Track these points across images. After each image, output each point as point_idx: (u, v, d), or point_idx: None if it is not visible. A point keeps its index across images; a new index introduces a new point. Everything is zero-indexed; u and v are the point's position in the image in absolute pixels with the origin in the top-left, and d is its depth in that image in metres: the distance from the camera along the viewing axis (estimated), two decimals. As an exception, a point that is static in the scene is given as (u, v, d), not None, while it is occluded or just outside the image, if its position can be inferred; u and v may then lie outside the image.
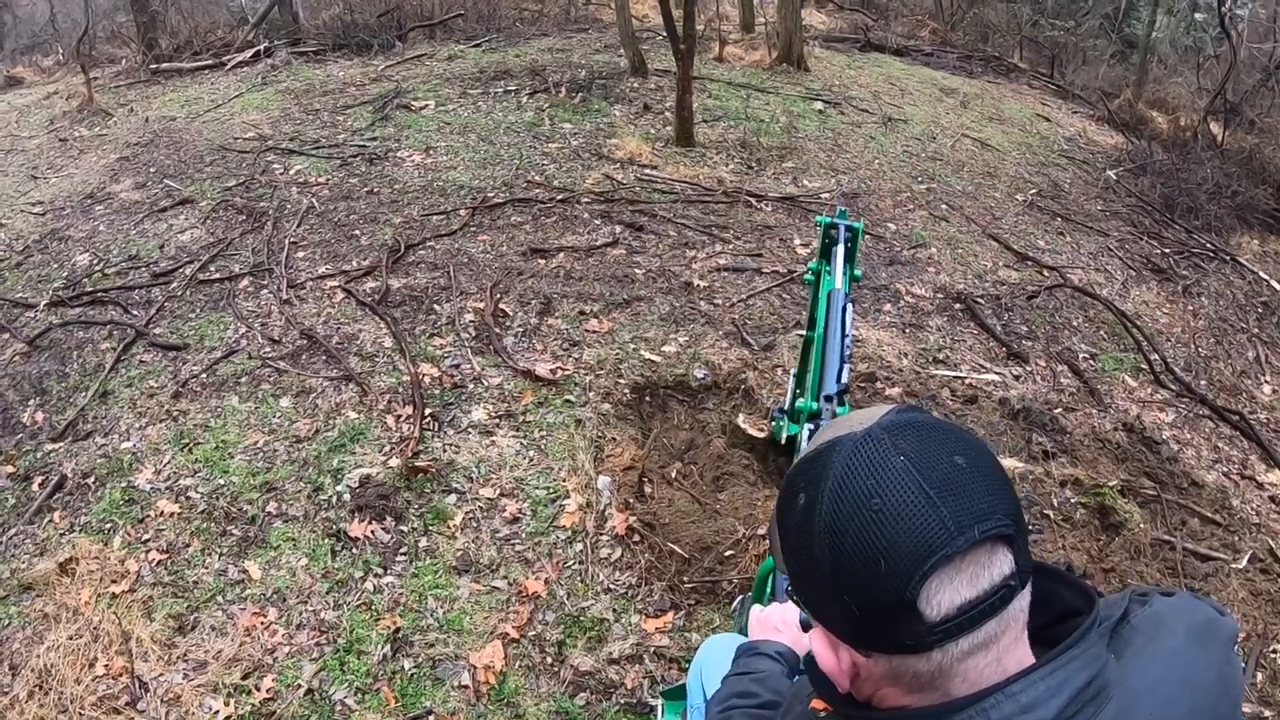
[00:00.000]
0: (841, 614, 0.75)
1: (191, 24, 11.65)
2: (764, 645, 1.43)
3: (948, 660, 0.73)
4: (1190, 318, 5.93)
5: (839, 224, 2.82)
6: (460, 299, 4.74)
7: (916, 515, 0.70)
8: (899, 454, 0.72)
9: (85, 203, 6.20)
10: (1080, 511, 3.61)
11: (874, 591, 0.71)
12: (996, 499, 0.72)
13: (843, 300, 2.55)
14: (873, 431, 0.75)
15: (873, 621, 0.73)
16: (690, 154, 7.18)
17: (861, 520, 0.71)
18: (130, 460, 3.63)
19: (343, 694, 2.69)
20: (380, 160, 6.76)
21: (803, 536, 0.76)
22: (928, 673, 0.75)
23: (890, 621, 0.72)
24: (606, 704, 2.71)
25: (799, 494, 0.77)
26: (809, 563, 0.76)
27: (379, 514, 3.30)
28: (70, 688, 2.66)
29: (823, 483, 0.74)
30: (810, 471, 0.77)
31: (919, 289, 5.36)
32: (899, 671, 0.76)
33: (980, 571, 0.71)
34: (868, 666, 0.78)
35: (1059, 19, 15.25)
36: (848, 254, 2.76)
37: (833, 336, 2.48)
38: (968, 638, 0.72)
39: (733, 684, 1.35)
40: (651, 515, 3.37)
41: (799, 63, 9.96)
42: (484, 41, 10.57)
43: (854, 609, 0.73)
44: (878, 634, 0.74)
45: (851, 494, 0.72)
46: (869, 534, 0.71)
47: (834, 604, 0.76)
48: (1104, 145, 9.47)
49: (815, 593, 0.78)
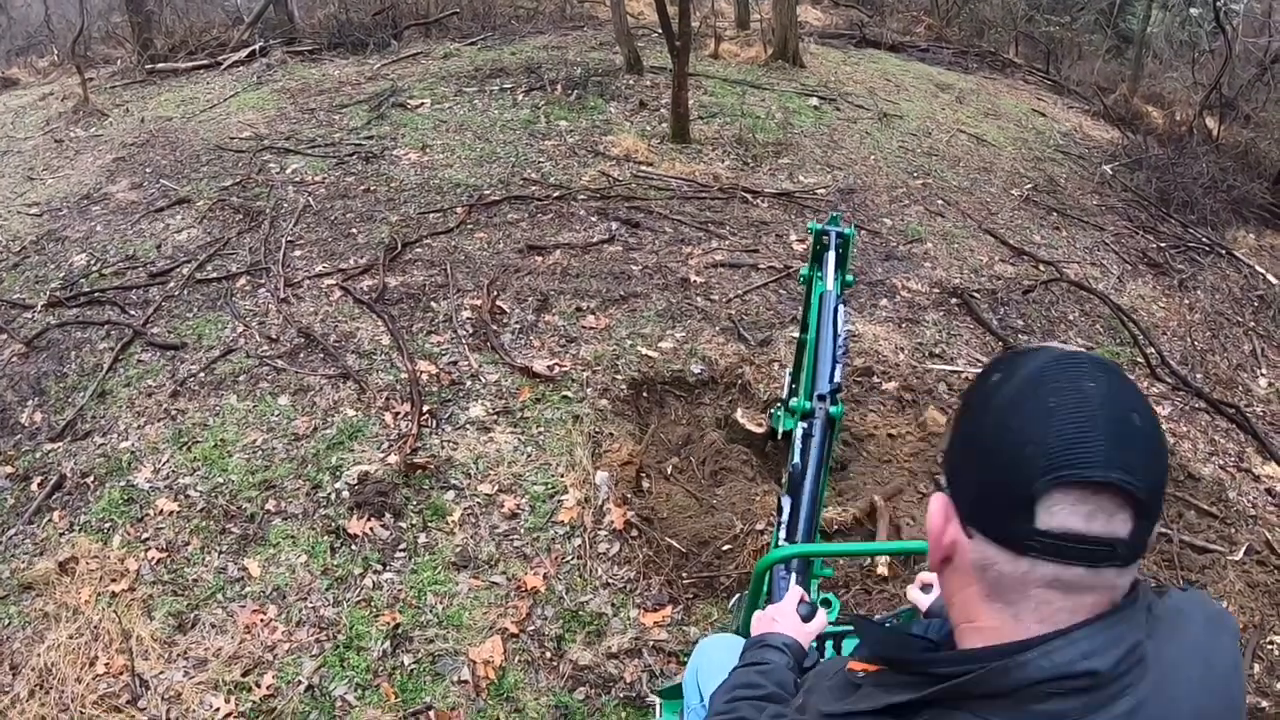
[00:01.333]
0: (973, 483, 0.81)
1: (187, 24, 11.64)
2: (770, 637, 1.46)
3: (1032, 575, 0.77)
4: (1186, 311, 5.95)
5: (830, 230, 2.85)
6: (457, 296, 4.75)
7: (1079, 429, 0.75)
8: (1091, 380, 0.78)
9: (82, 203, 6.19)
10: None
11: (1011, 471, 0.77)
12: (1148, 469, 0.77)
13: (834, 302, 2.57)
14: (1079, 354, 0.82)
15: (995, 500, 0.79)
16: (686, 150, 7.19)
17: (1033, 408, 0.77)
18: (129, 459, 3.63)
19: (343, 690, 2.70)
20: (376, 159, 6.76)
21: (980, 405, 0.83)
22: (1011, 578, 0.79)
23: (1008, 507, 0.77)
24: (605, 698, 2.72)
25: (995, 373, 0.84)
26: (972, 429, 0.83)
27: (378, 511, 3.31)
28: (71, 686, 2.67)
29: (1018, 369, 0.81)
30: (1012, 360, 0.84)
31: (915, 284, 5.37)
32: (986, 564, 0.80)
33: (1100, 516, 0.75)
34: (964, 550, 0.83)
35: (1054, 14, 15.26)
36: (839, 260, 2.80)
37: (824, 338, 2.50)
38: (1057, 567, 0.76)
39: (740, 675, 1.36)
40: (649, 510, 3.38)
41: (794, 59, 9.97)
42: (479, 39, 10.57)
43: (987, 481, 0.79)
44: (992, 514, 0.79)
45: (1036, 386, 0.79)
46: (1034, 422, 0.77)
47: (971, 472, 0.82)
48: (1099, 140, 9.49)
49: (963, 457, 0.84)
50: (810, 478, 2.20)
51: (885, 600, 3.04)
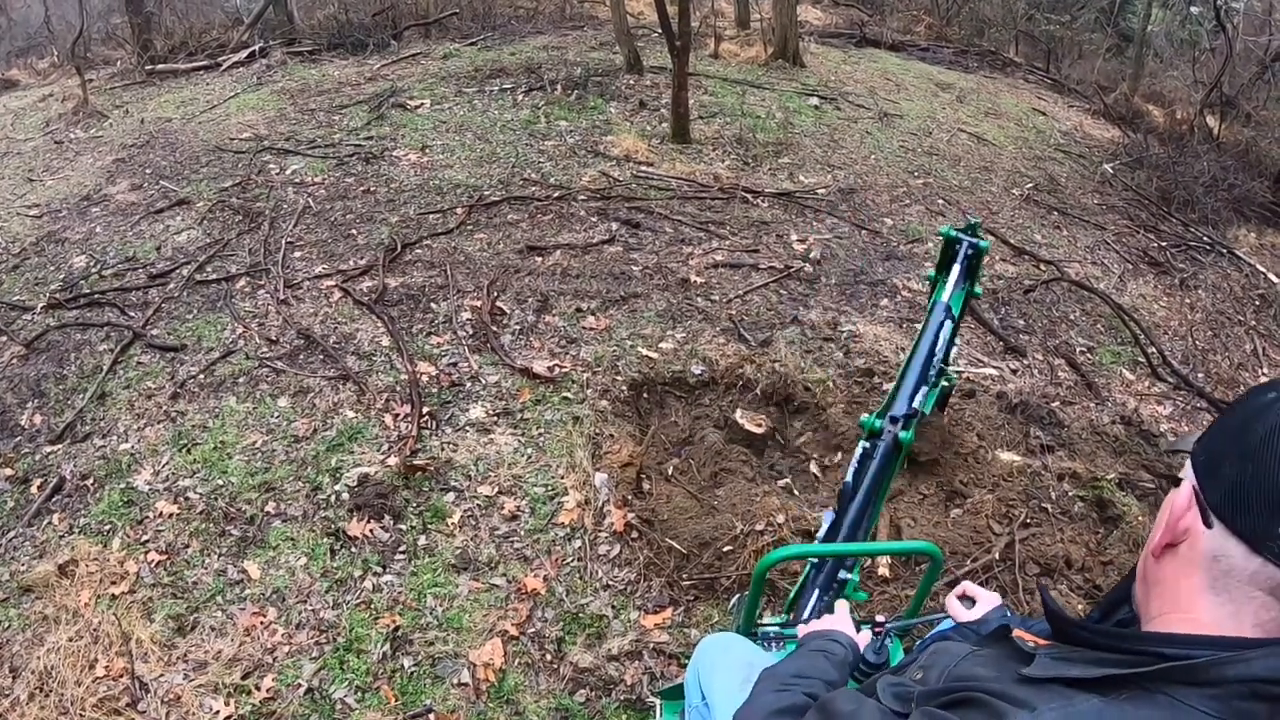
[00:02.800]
0: (1232, 476, 0.84)
1: (186, 25, 11.64)
2: (836, 633, 1.46)
3: (1261, 577, 0.82)
4: (1187, 311, 5.94)
5: (963, 239, 2.63)
6: (457, 297, 4.74)
7: None
8: None
9: (81, 205, 6.19)
10: (1078, 505, 3.62)
11: (1273, 473, 0.81)
12: None
13: (942, 315, 2.37)
14: None
15: (1250, 495, 0.82)
16: (686, 150, 7.18)
17: None
18: (129, 461, 3.63)
19: (343, 693, 2.70)
20: (376, 159, 6.75)
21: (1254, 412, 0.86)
22: (1240, 574, 0.83)
23: (1261, 505, 0.81)
24: (606, 700, 2.71)
25: (1270, 392, 0.88)
26: (1241, 430, 0.86)
27: (378, 513, 3.31)
28: (71, 689, 2.66)
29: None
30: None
31: (916, 283, 5.36)
32: (1220, 555, 0.84)
33: None
34: (1198, 538, 0.86)
35: (1054, 13, 15.24)
36: (968, 270, 2.58)
37: (920, 353, 2.31)
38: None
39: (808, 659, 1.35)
40: (650, 512, 3.38)
41: (795, 59, 9.96)
42: (479, 40, 10.56)
43: (1247, 477, 0.83)
44: (1242, 508, 0.83)
45: None
46: None
47: (1233, 467, 0.85)
48: (1100, 139, 9.48)
49: (1224, 453, 0.87)
50: (858, 502, 2.05)
51: (887, 601, 3.03)
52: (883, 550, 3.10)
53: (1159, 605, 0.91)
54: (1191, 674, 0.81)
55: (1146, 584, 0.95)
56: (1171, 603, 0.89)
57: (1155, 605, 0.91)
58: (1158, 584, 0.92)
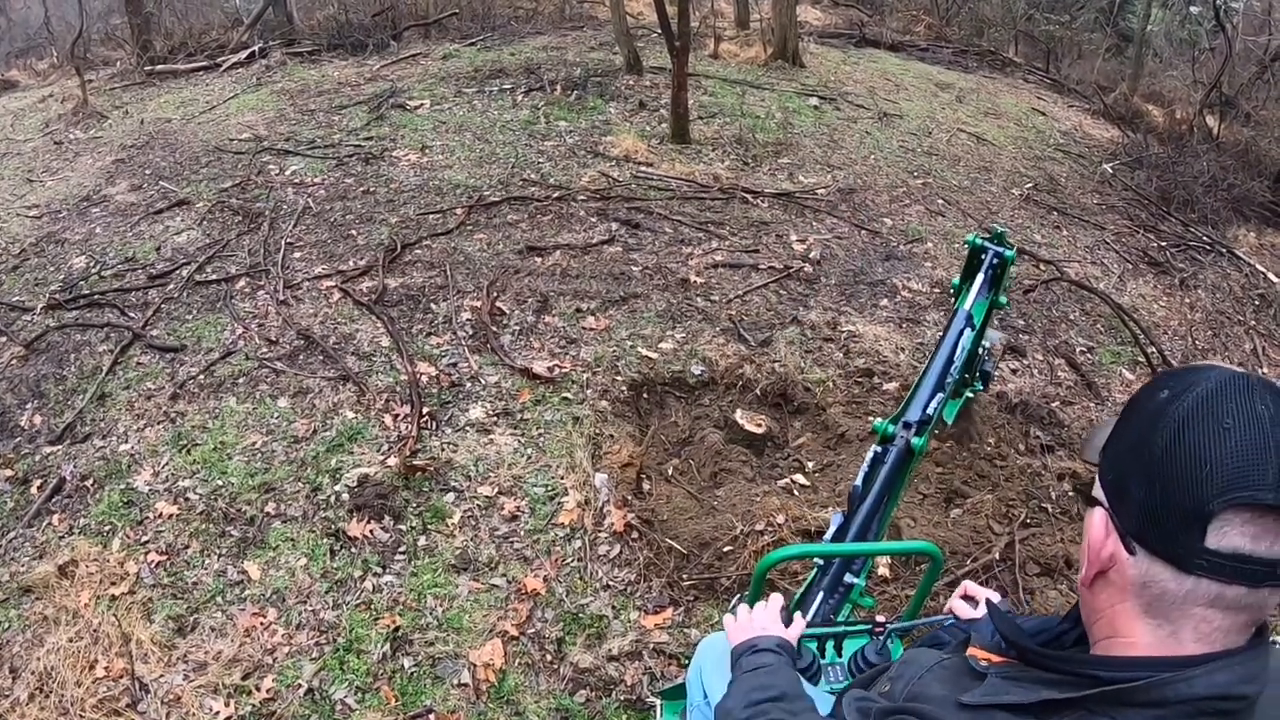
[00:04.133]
0: (1141, 499, 0.81)
1: (186, 25, 11.65)
2: (759, 641, 1.43)
3: (1196, 593, 0.79)
4: (1187, 311, 5.94)
5: (989, 249, 2.63)
6: (457, 298, 4.74)
7: (1254, 452, 0.76)
8: (1263, 404, 0.79)
9: (81, 205, 6.19)
10: (1078, 505, 3.62)
11: (1183, 489, 0.77)
12: None
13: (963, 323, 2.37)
14: (1250, 376, 0.83)
15: (1164, 516, 0.79)
16: (686, 151, 7.18)
17: (1209, 428, 0.78)
18: (128, 462, 3.63)
19: (343, 693, 2.70)
20: (376, 160, 6.75)
21: (1149, 421, 0.82)
22: (1174, 595, 0.80)
23: (1178, 524, 0.78)
24: (606, 701, 2.71)
25: (1163, 389, 0.84)
26: (1140, 445, 0.82)
27: (377, 513, 3.31)
28: (71, 690, 2.66)
29: (1191, 388, 0.81)
30: (1181, 377, 0.84)
31: (915, 284, 5.36)
32: (1148, 581, 0.81)
33: (1266, 538, 0.76)
34: (1124, 565, 0.83)
35: (1054, 13, 15.25)
36: (993, 280, 2.58)
37: (938, 359, 2.32)
38: (1220, 586, 0.77)
39: (747, 680, 1.33)
40: (650, 512, 3.38)
41: (794, 59, 9.96)
42: (479, 40, 10.56)
43: (1156, 498, 0.80)
44: (1160, 531, 0.80)
45: (1211, 406, 0.79)
46: (1209, 441, 0.77)
47: (1140, 488, 0.81)
48: (1100, 139, 9.48)
49: (1128, 473, 0.84)
50: (867, 506, 2.05)
51: (886, 601, 3.03)
52: (883, 550, 3.10)
53: (1100, 630, 0.90)
54: (1132, 696, 0.80)
55: (1085, 611, 0.93)
56: (1109, 628, 0.88)
57: (1096, 630, 0.90)
58: (1094, 612, 0.90)
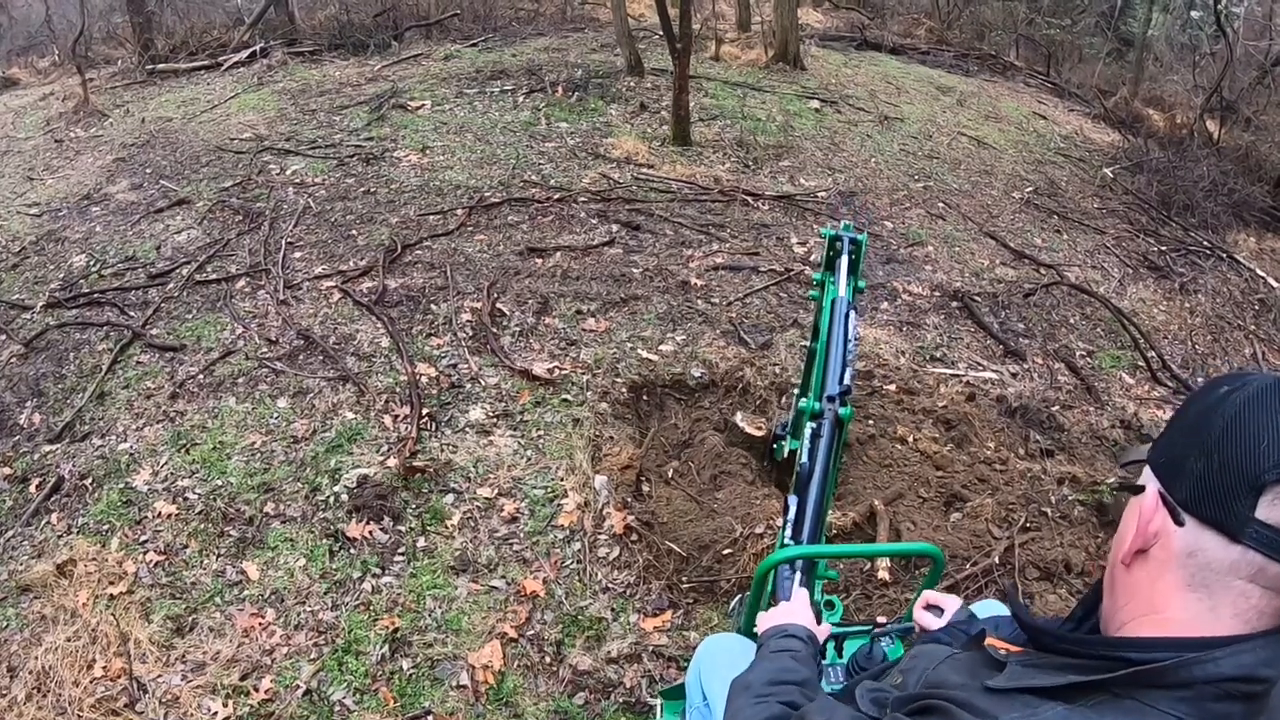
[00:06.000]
0: (1199, 471, 0.85)
1: (187, 24, 11.65)
2: (792, 627, 1.45)
3: (1240, 566, 0.82)
4: (1187, 315, 5.94)
5: (844, 236, 2.85)
6: (457, 299, 4.74)
7: None
8: None
9: (82, 204, 6.19)
10: (1078, 509, 3.62)
11: (1239, 460, 0.82)
12: None
13: (845, 308, 2.59)
14: None
15: (1219, 486, 0.83)
16: (687, 153, 7.19)
17: (1269, 412, 0.83)
18: (128, 461, 3.62)
19: (341, 694, 2.69)
20: (377, 160, 6.75)
21: (1209, 408, 0.87)
22: (1219, 566, 0.83)
23: (1232, 492, 0.82)
24: (605, 703, 2.71)
25: (1223, 385, 0.89)
26: (1200, 426, 0.87)
27: (377, 514, 3.30)
28: (69, 689, 2.65)
29: (1249, 384, 0.87)
30: (1239, 376, 0.90)
31: (916, 287, 5.36)
32: (1195, 550, 0.84)
33: None
34: (1170, 537, 0.87)
35: (1055, 17, 15.26)
36: (851, 265, 2.80)
37: (835, 342, 2.53)
38: (1264, 560, 0.80)
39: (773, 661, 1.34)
40: (649, 514, 3.37)
41: (795, 61, 9.97)
42: (480, 41, 10.57)
43: (1214, 469, 0.83)
44: (1213, 499, 0.83)
45: (1270, 395, 0.85)
46: (1269, 419, 0.82)
47: (1199, 461, 0.85)
48: (1100, 143, 9.49)
49: (1185, 453, 0.87)
50: (817, 478, 2.21)
51: (886, 605, 3.03)
52: (884, 552, 3.11)
53: (1130, 611, 0.90)
54: (1158, 677, 0.81)
55: (1115, 593, 0.94)
56: (1145, 606, 0.89)
57: (1126, 612, 0.91)
58: (1129, 590, 0.91)
